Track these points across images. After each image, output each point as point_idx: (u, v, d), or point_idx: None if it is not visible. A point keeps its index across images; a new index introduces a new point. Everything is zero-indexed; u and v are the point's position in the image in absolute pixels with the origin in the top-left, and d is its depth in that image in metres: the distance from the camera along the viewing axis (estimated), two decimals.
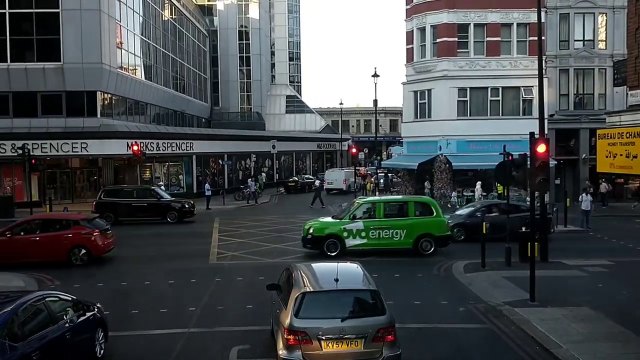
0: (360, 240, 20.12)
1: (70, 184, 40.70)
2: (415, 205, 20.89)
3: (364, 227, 20.10)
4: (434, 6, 38.25)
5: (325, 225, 20.59)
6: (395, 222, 20.32)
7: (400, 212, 20.87)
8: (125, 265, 19.57)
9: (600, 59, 38.11)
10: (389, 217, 20.55)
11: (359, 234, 20.10)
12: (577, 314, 13.06)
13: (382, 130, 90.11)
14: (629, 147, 14.96)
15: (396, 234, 20.16)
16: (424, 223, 20.37)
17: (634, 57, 16.99)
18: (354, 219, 20.31)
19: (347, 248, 20.07)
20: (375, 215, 20.45)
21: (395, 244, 20.23)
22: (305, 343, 9.00)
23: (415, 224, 20.32)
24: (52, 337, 9.09)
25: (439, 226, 20.46)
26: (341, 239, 20.06)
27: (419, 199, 22.53)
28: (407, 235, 20.17)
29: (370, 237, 20.12)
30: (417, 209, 20.70)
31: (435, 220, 20.46)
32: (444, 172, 37.88)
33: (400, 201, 22.57)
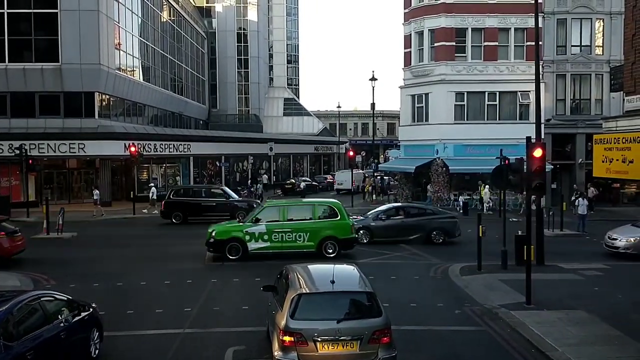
0: (262, 244, 19.89)
1: (67, 185, 40.65)
2: (319, 208, 20.74)
3: (267, 230, 19.85)
4: (432, 10, 38.37)
5: (228, 229, 20.37)
6: (298, 225, 20.06)
7: (305, 215, 20.59)
8: (120, 265, 19.53)
9: (597, 64, 38.27)
10: (292, 220, 20.24)
11: (261, 237, 19.86)
12: (572, 317, 13.09)
13: (380, 133, 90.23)
14: (625, 152, 15.04)
15: (299, 237, 19.95)
16: (328, 226, 20.18)
17: (630, 63, 17.09)
18: (257, 222, 20.07)
19: (250, 251, 19.84)
20: (278, 218, 20.17)
21: (298, 247, 19.95)
22: (300, 344, 9.00)
23: (319, 227, 20.13)
24: (47, 336, 9.07)
25: (343, 229, 20.22)
26: (243, 242, 19.81)
27: (324, 202, 22.24)
28: (310, 238, 19.97)
29: (273, 240, 19.87)
30: (322, 212, 20.56)
31: (340, 223, 20.24)
32: (441, 175, 37.97)
33: (305, 204, 22.23)
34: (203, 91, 69.65)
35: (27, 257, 21.15)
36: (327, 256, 19.93)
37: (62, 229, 26.02)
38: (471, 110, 38.45)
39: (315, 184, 55.12)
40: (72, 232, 26.50)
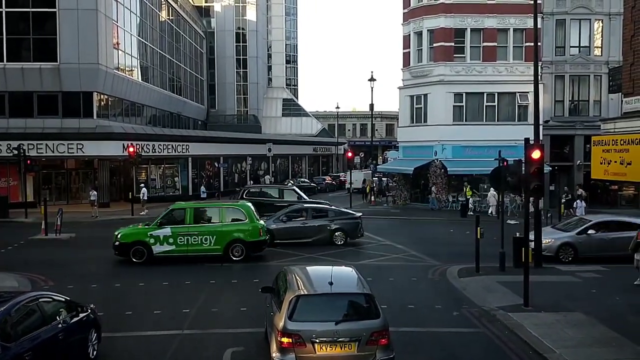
0: (168, 247, 19.61)
1: (65, 185, 40.60)
2: (226, 211, 20.49)
3: (172, 234, 19.59)
4: (431, 11, 38.38)
5: (132, 232, 20.12)
6: (204, 228, 19.86)
7: (211, 218, 20.39)
8: (119, 267, 19.51)
9: (596, 65, 38.29)
10: (199, 223, 20.04)
11: (166, 241, 19.59)
12: (570, 319, 13.10)
13: (378, 134, 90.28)
14: (623, 154, 15.07)
15: (206, 240, 19.71)
16: (235, 229, 20.00)
17: (629, 65, 17.12)
18: (162, 225, 19.80)
19: (155, 255, 19.56)
20: (184, 222, 19.88)
21: (205, 250, 19.76)
22: (299, 346, 9.01)
23: (226, 230, 19.93)
24: (45, 337, 9.06)
25: (250, 232, 20.04)
26: (148, 245, 19.54)
27: (231, 205, 21.88)
28: (217, 241, 19.75)
29: (179, 244, 19.62)
30: (229, 215, 20.34)
31: (247, 226, 20.07)
32: (440, 177, 37.98)
33: (212, 207, 21.75)
34: (201, 91, 69.61)
35: (25, 258, 21.15)
36: (233, 259, 19.77)
37: (61, 230, 25.97)
38: (470, 111, 38.47)
39: (314, 185, 55.12)
40: (71, 233, 26.46)
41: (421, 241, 25.17)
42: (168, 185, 43.79)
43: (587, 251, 20.00)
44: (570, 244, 19.99)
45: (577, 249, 20.02)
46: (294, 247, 22.73)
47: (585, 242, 20.08)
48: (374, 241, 25.23)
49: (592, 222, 20.71)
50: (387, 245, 24.27)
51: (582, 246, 20.01)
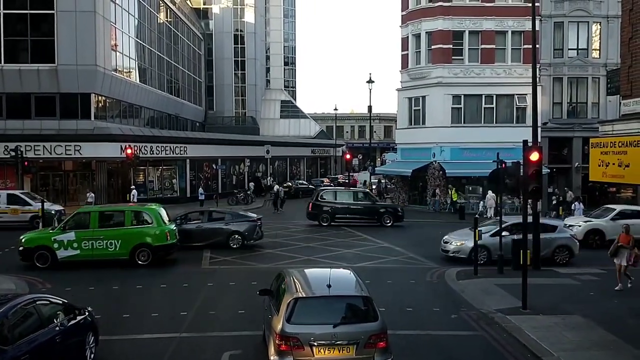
0: (72, 252, 19.20)
1: (63, 187, 40.49)
2: (132, 215, 20.05)
3: (76, 238, 19.20)
4: (429, 13, 38.43)
5: (35, 237, 19.69)
6: (109, 232, 19.46)
7: (116, 222, 19.99)
8: (117, 269, 19.45)
9: (594, 67, 38.38)
10: (104, 227, 19.61)
11: (70, 245, 19.17)
12: (568, 322, 13.10)
13: (377, 136, 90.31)
14: (621, 156, 15.06)
15: (111, 245, 19.35)
16: (141, 233, 19.61)
17: (627, 67, 17.13)
18: (66, 229, 19.40)
19: (59, 259, 19.15)
20: (89, 225, 19.43)
21: (110, 255, 19.43)
22: (297, 349, 8.98)
23: (131, 233, 19.52)
24: (42, 340, 9.02)
25: (156, 236, 19.64)
26: (52, 250, 19.12)
27: (137, 208, 21.39)
28: (122, 245, 19.40)
29: (83, 248, 19.22)
30: (134, 219, 19.95)
31: (153, 230, 19.66)
32: (438, 178, 38.00)
33: (117, 210, 21.28)
34: (199, 93, 69.58)
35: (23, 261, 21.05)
36: (139, 264, 19.40)
37: None
38: (468, 113, 38.52)
39: (312, 187, 55.07)
40: None
41: (419, 243, 25.15)
42: (166, 187, 43.71)
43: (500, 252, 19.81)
44: (483, 246, 19.69)
45: (490, 250, 19.82)
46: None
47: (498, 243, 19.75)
48: (372, 243, 25.22)
49: (506, 224, 20.40)
50: (385, 247, 24.25)
51: (495, 247, 19.68)
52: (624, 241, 16.06)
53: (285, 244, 24.72)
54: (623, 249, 15.97)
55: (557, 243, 20.34)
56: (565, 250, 20.41)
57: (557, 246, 20.34)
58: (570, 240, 20.70)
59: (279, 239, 26.14)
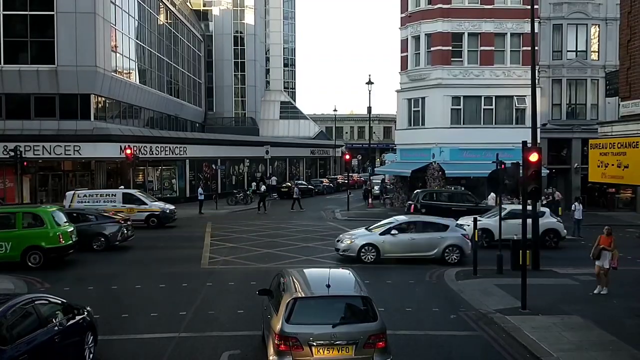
0: None
1: (62, 187, 40.46)
2: (24, 216, 19.58)
3: None
4: (429, 15, 38.44)
5: None
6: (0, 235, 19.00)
7: (7, 224, 19.35)
8: (115, 269, 19.46)
9: (593, 69, 38.41)
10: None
11: None
12: (567, 322, 13.11)
13: (376, 137, 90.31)
14: (620, 157, 15.06)
15: (1, 247, 18.90)
16: (32, 235, 19.10)
17: (625, 69, 17.13)
18: None
19: None
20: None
21: (1, 257, 18.92)
22: (296, 349, 8.98)
23: (22, 235, 19.05)
24: (41, 340, 9.03)
25: (49, 238, 19.09)
26: None
27: (29, 210, 21.00)
28: (13, 247, 18.92)
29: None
30: (26, 220, 19.50)
31: (45, 232, 19.10)
32: (437, 179, 38.00)
33: (8, 212, 20.65)
34: (199, 94, 69.59)
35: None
36: (31, 266, 18.93)
37: None
38: (467, 115, 38.52)
39: (311, 187, 55.13)
40: None
41: None
42: (165, 188, 43.72)
43: (389, 251, 20.05)
44: (372, 245, 19.94)
45: (379, 249, 19.97)
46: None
47: (388, 242, 20.04)
48: None
49: (395, 223, 20.69)
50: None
51: (384, 246, 19.97)
52: (605, 243, 15.79)
53: (284, 244, 24.72)
54: (605, 251, 15.69)
55: (447, 242, 20.24)
56: (456, 249, 20.30)
57: (448, 245, 20.24)
58: (461, 240, 20.49)
59: (277, 239, 26.14)
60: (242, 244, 24.67)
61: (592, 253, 16.11)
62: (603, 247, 15.77)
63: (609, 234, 15.94)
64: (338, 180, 61.66)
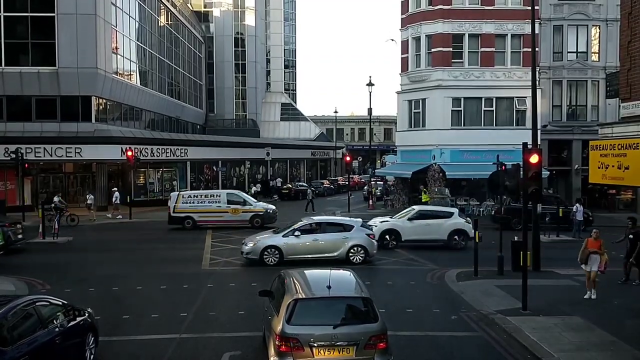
0: None
1: (63, 189, 40.54)
2: None
3: None
4: (429, 16, 38.47)
5: None
6: None
7: None
8: (116, 270, 19.47)
9: (593, 70, 38.41)
10: None
11: None
12: (568, 323, 13.11)
13: (376, 138, 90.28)
14: (620, 159, 15.06)
15: None
16: None
17: (626, 70, 17.14)
18: None
19: None
20: None
21: None
22: (297, 350, 8.99)
23: None
24: (42, 341, 9.03)
25: None
26: None
27: None
28: None
29: None
30: None
31: None
32: (438, 181, 38.00)
33: None
34: (200, 96, 69.66)
35: (22, 261, 21.11)
36: None
37: (58, 234, 25.94)
38: (468, 116, 38.54)
39: (312, 189, 55.09)
40: (68, 237, 26.42)
41: (419, 245, 25.12)
42: (166, 189, 43.72)
43: (292, 253, 19.84)
44: (275, 247, 19.83)
45: (282, 251, 19.83)
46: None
47: (291, 244, 19.92)
48: None
49: (299, 225, 20.54)
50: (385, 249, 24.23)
51: (287, 248, 19.83)
52: (594, 247, 15.37)
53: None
54: (595, 254, 15.25)
55: (352, 243, 20.06)
56: (360, 249, 20.12)
57: (353, 246, 20.05)
58: (366, 240, 20.32)
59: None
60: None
61: (579, 257, 15.64)
62: (594, 251, 15.35)
63: (596, 238, 15.56)
64: (339, 182, 61.67)
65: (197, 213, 29.97)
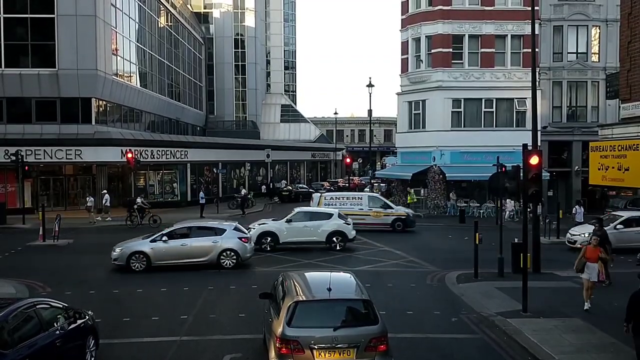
0: None
1: (63, 191, 40.52)
2: None
3: None
4: (429, 17, 38.50)
5: None
6: None
7: None
8: (116, 273, 19.46)
9: (593, 71, 38.41)
10: None
11: None
12: (568, 324, 13.11)
13: (377, 140, 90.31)
14: (620, 160, 15.08)
15: None
16: None
17: (626, 71, 17.17)
18: None
19: None
20: None
21: None
22: (297, 352, 8.98)
23: None
24: (43, 344, 9.03)
25: None
26: None
27: None
28: None
29: None
30: None
31: None
32: (438, 182, 38.01)
33: None
34: (200, 97, 69.66)
35: (22, 264, 21.10)
36: None
37: (58, 236, 25.92)
38: (468, 117, 38.56)
39: (312, 191, 55.11)
40: (68, 239, 26.42)
41: (419, 247, 25.16)
42: (167, 191, 43.71)
43: (160, 259, 19.39)
44: (142, 253, 19.36)
45: (149, 257, 19.37)
46: None
47: (158, 249, 19.42)
48: (372, 247, 25.21)
49: (168, 230, 20.16)
50: (385, 251, 24.25)
51: (154, 254, 19.34)
52: (593, 255, 14.55)
53: (284, 248, 24.68)
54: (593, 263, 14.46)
55: (223, 247, 19.67)
56: (232, 253, 19.70)
57: (224, 250, 19.68)
58: (238, 244, 19.88)
59: None
60: None
61: (575, 266, 14.93)
62: (603, 258, 14.81)
63: (595, 246, 14.81)
64: (339, 183, 61.67)
65: None
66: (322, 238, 23.71)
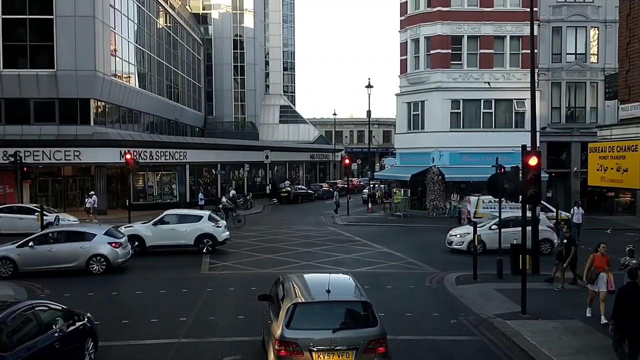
0: None
1: (62, 192, 40.46)
2: None
3: None
4: (428, 18, 38.49)
5: None
6: None
7: None
8: (116, 275, 19.44)
9: (592, 72, 38.42)
10: None
11: None
12: (568, 326, 13.11)
13: (375, 141, 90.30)
14: (619, 161, 15.07)
15: None
16: None
17: (625, 72, 17.16)
18: None
19: None
20: None
21: None
22: (296, 354, 8.97)
23: None
24: (41, 346, 9.03)
25: None
26: None
27: None
28: None
29: None
30: None
31: None
32: (437, 183, 37.99)
33: None
34: (199, 98, 69.63)
35: None
36: None
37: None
38: (467, 118, 38.54)
39: (311, 192, 55.18)
40: None
41: (419, 248, 25.16)
42: (165, 192, 43.68)
43: (28, 264, 18.67)
44: (7, 258, 18.57)
45: (16, 263, 18.61)
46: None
47: (25, 254, 18.67)
48: (371, 248, 25.21)
49: (34, 236, 19.50)
50: (384, 252, 24.25)
51: (20, 259, 18.63)
52: (601, 264, 13.71)
53: (284, 249, 24.71)
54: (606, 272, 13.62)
55: (92, 252, 19.07)
56: (101, 259, 19.12)
57: (93, 255, 19.07)
58: (108, 249, 19.25)
59: (277, 244, 26.13)
60: (242, 249, 24.66)
61: (585, 276, 14.02)
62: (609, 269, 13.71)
63: (603, 254, 13.84)
64: (338, 184, 61.68)
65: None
66: (190, 241, 23.26)
